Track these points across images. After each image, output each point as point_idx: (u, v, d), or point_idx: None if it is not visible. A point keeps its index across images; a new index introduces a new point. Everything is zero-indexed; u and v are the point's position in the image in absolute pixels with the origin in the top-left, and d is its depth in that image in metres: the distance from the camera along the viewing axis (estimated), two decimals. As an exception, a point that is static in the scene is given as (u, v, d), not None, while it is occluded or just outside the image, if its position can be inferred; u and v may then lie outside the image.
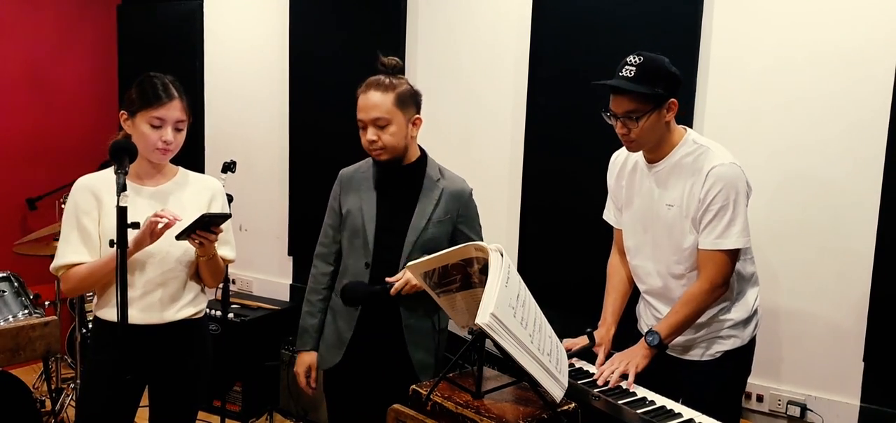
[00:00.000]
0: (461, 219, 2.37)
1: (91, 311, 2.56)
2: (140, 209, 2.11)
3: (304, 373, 2.43)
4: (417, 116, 2.29)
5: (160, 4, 4.74)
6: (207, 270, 2.28)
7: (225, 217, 2.11)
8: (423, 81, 3.82)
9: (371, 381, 2.32)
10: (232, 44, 4.49)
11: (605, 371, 2.11)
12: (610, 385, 2.06)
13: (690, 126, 3.00)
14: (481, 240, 2.41)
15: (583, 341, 2.33)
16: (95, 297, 2.27)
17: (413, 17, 3.79)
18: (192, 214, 2.11)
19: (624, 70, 2.11)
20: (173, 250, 2.19)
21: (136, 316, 2.13)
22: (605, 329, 2.37)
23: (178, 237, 2.07)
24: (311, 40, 4.09)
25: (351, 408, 2.41)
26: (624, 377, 2.09)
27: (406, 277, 2.20)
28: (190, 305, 2.28)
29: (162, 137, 2.15)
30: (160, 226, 2.04)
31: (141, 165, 2.20)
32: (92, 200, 2.18)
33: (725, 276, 2.15)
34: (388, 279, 2.23)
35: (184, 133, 2.23)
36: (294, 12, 4.14)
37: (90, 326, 3.26)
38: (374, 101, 2.22)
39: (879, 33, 2.65)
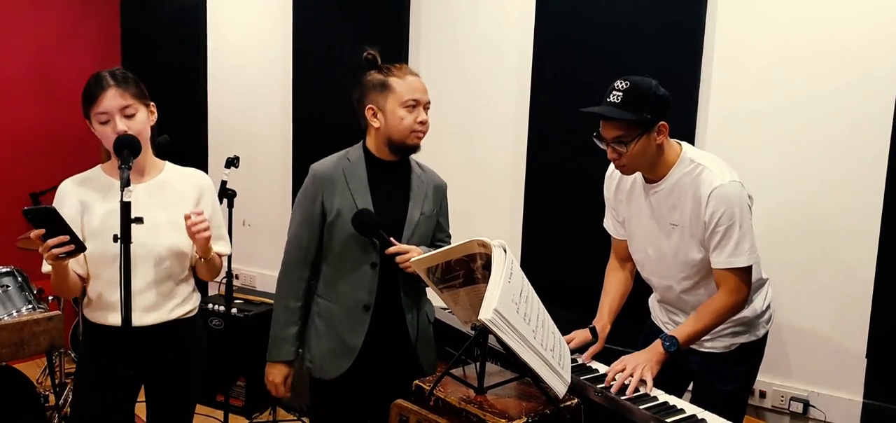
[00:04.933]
0: (441, 212, 2.38)
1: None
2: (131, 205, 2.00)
3: (283, 382, 2.31)
4: None
5: (163, -1, 4.75)
6: (204, 270, 2.26)
7: (49, 212, 1.86)
8: (425, 77, 3.77)
9: (379, 386, 2.23)
10: (235, 39, 4.49)
11: (620, 376, 2.07)
12: (627, 394, 2.01)
13: (694, 126, 3.01)
14: (449, 234, 2.43)
15: (584, 335, 2.34)
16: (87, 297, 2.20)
17: (416, 12, 3.78)
18: (184, 208, 2.13)
19: (611, 96, 2.09)
20: (162, 251, 2.12)
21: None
22: (601, 327, 2.38)
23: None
24: (314, 35, 4.09)
25: (355, 417, 2.32)
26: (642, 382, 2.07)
27: (409, 249, 2.16)
28: (181, 304, 2.22)
29: (114, 130, 2.02)
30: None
31: None
32: (76, 204, 2.11)
33: (745, 291, 2.17)
34: (392, 239, 2.17)
35: (140, 117, 2.08)
36: (297, 7, 4.14)
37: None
38: (423, 84, 2.22)
39: (883, 31, 2.65)
